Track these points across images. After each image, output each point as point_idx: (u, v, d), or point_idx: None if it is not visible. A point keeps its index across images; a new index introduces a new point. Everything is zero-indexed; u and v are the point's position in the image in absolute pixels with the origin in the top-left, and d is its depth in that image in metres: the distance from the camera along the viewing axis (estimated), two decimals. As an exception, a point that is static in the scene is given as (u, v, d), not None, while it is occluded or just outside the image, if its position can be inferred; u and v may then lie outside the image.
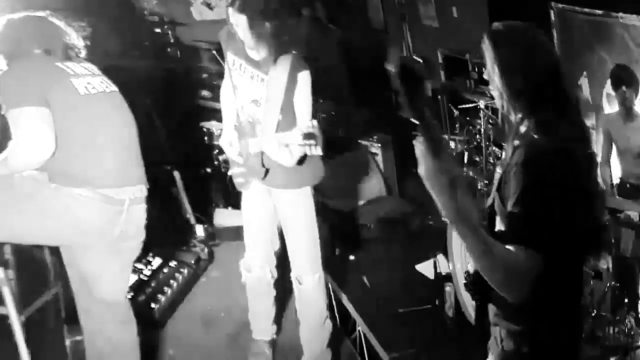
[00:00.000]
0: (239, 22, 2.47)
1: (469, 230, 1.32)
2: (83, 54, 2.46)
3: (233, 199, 4.15)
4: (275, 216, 2.91)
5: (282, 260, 3.04)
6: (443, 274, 3.34)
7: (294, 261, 2.91)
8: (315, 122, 2.41)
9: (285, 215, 2.86)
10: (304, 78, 2.61)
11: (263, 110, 2.64)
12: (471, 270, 1.60)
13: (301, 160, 2.62)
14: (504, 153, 1.56)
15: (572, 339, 1.60)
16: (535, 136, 1.42)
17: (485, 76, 1.56)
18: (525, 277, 1.34)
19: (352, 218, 4.42)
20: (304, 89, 2.62)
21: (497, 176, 1.58)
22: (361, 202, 4.63)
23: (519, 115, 1.50)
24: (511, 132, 1.52)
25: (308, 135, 2.36)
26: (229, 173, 2.80)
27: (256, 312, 3.11)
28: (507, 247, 1.37)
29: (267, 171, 2.69)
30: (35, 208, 2.26)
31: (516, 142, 1.48)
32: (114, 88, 2.50)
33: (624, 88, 3.49)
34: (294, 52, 2.62)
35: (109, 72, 2.56)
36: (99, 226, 2.33)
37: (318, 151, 2.39)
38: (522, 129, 1.48)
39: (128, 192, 2.38)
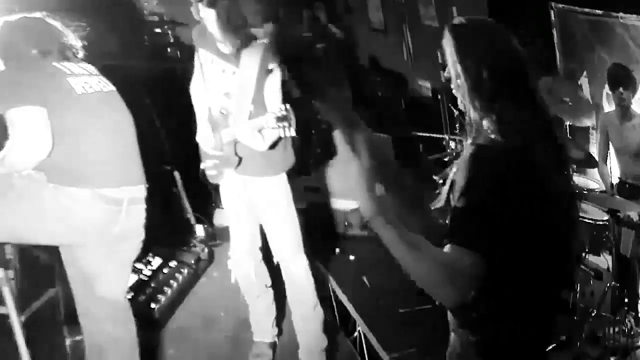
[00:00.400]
0: (208, 17, 2.51)
1: (388, 226, 1.20)
2: (81, 54, 2.46)
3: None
4: (253, 210, 2.88)
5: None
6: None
7: (275, 247, 2.90)
8: (288, 105, 2.46)
9: (262, 203, 2.83)
10: (274, 69, 2.64)
11: (235, 101, 2.65)
12: None
13: (273, 147, 2.64)
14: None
15: (534, 350, 1.48)
16: (492, 136, 1.34)
17: (445, 73, 1.48)
18: (462, 278, 1.21)
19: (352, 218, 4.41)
20: (274, 80, 2.65)
21: (451, 175, 1.49)
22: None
23: (478, 113, 1.42)
24: (471, 130, 1.44)
25: (281, 118, 2.42)
26: (201, 167, 2.80)
27: (255, 313, 3.11)
28: (446, 247, 1.25)
29: (240, 160, 2.69)
30: (34, 208, 2.26)
31: (470, 140, 1.41)
32: (112, 88, 2.50)
33: (620, 89, 3.48)
34: (264, 43, 2.64)
35: (108, 72, 2.56)
36: (98, 226, 2.33)
37: (292, 132, 2.44)
38: (484, 125, 1.39)
39: (127, 191, 2.38)
